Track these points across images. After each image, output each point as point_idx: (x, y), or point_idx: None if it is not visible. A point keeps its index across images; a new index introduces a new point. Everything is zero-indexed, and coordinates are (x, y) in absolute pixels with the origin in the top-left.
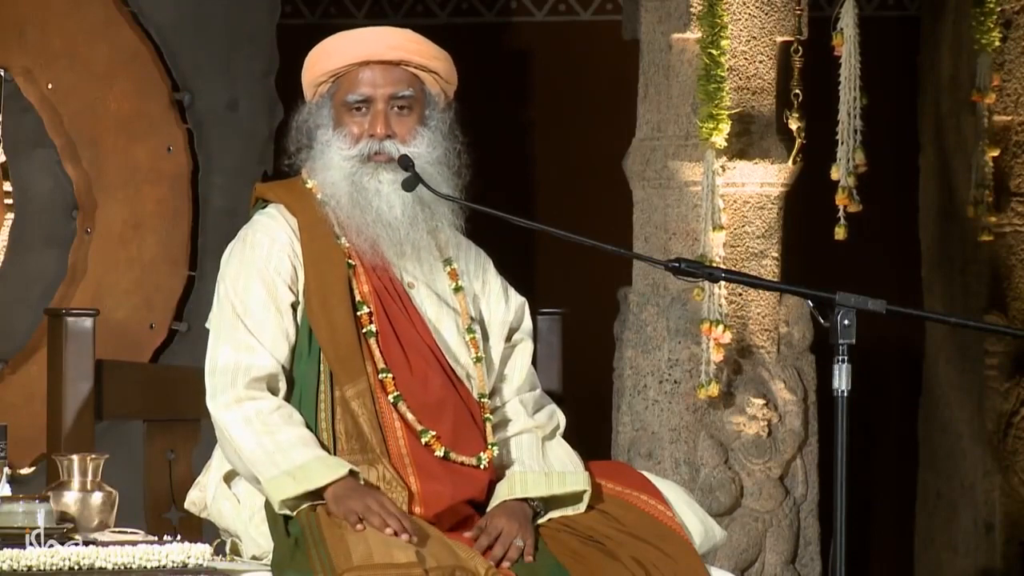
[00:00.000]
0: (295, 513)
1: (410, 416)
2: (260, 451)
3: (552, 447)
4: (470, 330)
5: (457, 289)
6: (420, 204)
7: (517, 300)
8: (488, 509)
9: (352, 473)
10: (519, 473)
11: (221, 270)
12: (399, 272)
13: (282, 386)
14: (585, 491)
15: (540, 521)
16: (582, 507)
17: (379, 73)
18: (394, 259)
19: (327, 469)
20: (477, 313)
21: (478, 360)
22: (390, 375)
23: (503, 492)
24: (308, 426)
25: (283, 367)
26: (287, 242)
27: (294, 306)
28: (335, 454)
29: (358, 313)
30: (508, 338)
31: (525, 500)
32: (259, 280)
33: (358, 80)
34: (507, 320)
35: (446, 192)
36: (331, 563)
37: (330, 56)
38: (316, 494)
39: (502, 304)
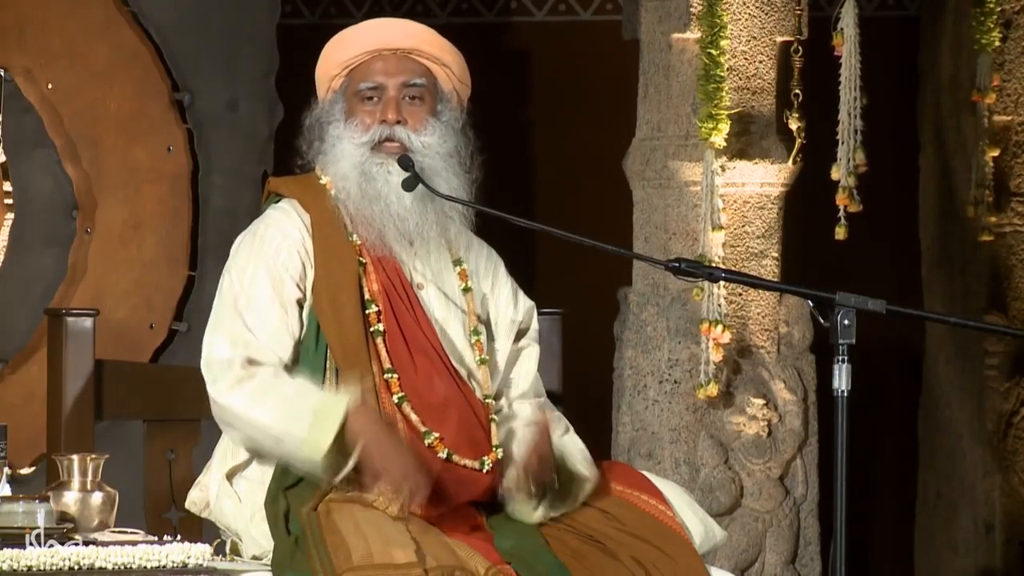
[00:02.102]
0: (304, 510)
1: (414, 417)
2: (275, 413)
3: (565, 442)
4: (476, 332)
5: (466, 290)
6: (429, 198)
7: (526, 303)
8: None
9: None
10: None
11: (229, 261)
12: (408, 271)
13: None
14: (588, 480)
15: (538, 515)
16: (581, 497)
17: (392, 62)
18: (403, 255)
19: (339, 401)
20: (485, 314)
21: (483, 362)
22: (395, 375)
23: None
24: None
25: (283, 361)
26: (298, 238)
27: (300, 303)
28: None
29: (366, 312)
30: (516, 339)
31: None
32: (266, 275)
33: (370, 69)
34: (516, 319)
35: (449, 190)
36: (331, 563)
37: (343, 47)
38: (349, 447)
39: (511, 305)
